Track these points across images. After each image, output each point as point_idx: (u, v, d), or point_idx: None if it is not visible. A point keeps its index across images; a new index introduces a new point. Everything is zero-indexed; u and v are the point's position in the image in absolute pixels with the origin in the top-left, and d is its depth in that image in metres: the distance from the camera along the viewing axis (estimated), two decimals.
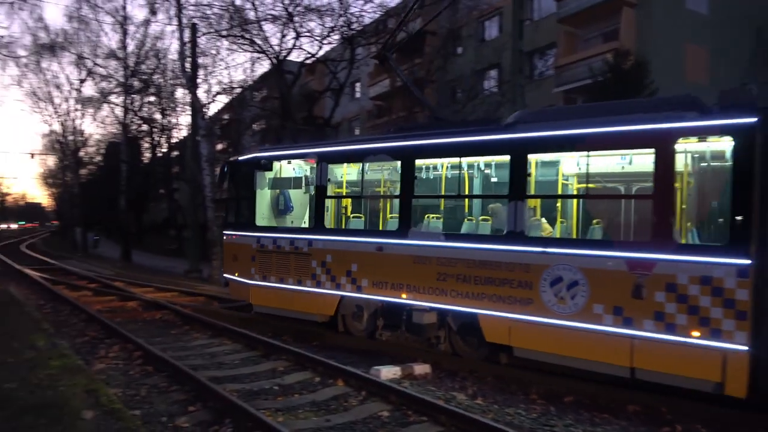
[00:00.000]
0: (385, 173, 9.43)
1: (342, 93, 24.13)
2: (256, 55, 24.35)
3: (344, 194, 10.01)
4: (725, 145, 5.90)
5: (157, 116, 40.41)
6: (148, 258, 34.05)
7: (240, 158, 10.97)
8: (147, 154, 48.95)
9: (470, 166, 8.35)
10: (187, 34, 20.44)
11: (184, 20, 20.66)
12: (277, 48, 22.15)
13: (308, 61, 23.81)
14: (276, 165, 10.31)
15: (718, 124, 5.78)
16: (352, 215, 9.86)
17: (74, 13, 33.18)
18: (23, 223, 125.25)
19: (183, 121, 39.77)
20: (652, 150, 6.10)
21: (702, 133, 5.97)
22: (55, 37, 34.95)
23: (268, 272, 9.90)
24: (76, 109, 38.09)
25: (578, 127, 6.66)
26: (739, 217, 5.53)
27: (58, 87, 38.22)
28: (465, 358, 7.61)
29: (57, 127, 39.60)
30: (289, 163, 10.41)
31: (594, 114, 7.00)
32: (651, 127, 6.11)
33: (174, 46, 31.11)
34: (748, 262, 5.39)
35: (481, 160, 8.21)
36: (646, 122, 6.18)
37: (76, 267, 22.09)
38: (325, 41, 22.15)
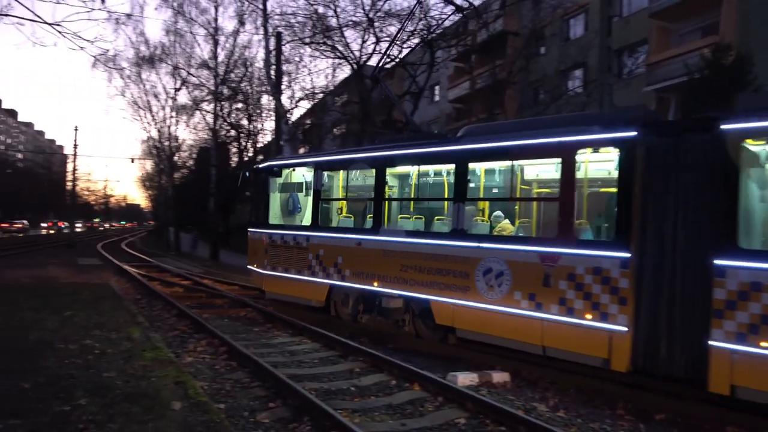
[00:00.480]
0: (366, 179, 10.64)
1: (421, 96, 24.09)
2: (337, 60, 24.90)
3: (333, 197, 11.34)
4: (613, 155, 6.86)
5: (244, 122, 42.26)
6: (234, 257, 35.65)
7: (257, 166, 12.73)
8: (234, 159, 51.30)
9: (428, 173, 9.81)
10: (272, 42, 21.25)
11: (270, 29, 21.51)
12: (357, 53, 22.53)
13: (387, 65, 23.96)
14: (285, 172, 11.91)
15: (606, 138, 6.82)
16: (340, 215, 11.09)
17: (171, 26, 35.39)
18: (124, 222, 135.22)
19: (268, 126, 41.29)
20: (559, 159, 7.18)
21: (595, 145, 7.00)
22: (154, 50, 37.52)
23: (277, 264, 11.41)
24: (172, 117, 40.69)
25: (507, 140, 7.85)
26: (622, 217, 6.53)
27: (155, 96, 40.99)
28: (543, 367, 7.37)
29: (154, 134, 42.48)
30: (295, 170, 11.91)
31: (524, 128, 8.03)
32: (557, 140, 7.16)
33: (260, 54, 32.49)
34: (629, 255, 6.32)
35: (436, 168, 9.52)
36: (554, 136, 7.21)
37: (169, 265, 23.48)
38: (404, 45, 22.23)
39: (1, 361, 6.57)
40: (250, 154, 45.58)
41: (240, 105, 38.93)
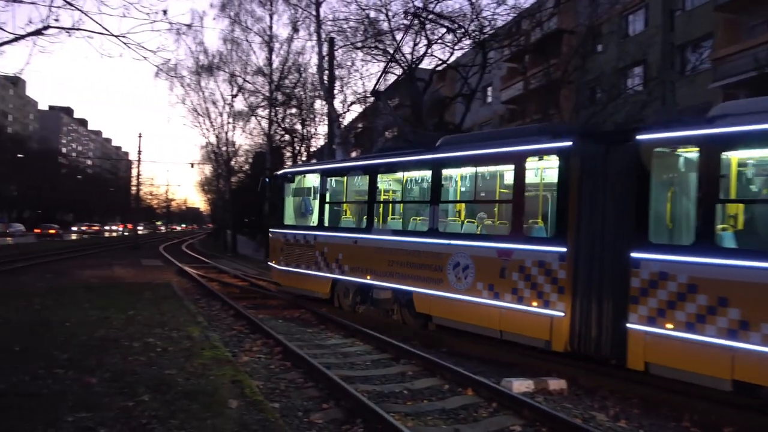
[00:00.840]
0: (362, 184, 11.46)
1: (473, 98, 23.85)
2: (389, 64, 24.98)
3: (336, 200, 12.45)
4: (554, 162, 7.77)
5: (298, 127, 43.03)
6: None
7: (275, 173, 14.53)
8: (289, 163, 52.25)
9: (411, 179, 10.87)
10: (325, 48, 21.55)
11: (323, 35, 21.83)
12: (409, 57, 22.54)
13: (439, 68, 23.87)
14: (298, 178, 13.34)
15: (548, 147, 7.76)
16: (343, 216, 12.26)
17: (228, 35, 36.54)
18: (184, 225, 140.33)
19: (321, 130, 41.91)
20: (512, 166, 8.24)
21: (540, 154, 7.96)
22: (212, 59, 38.84)
23: (290, 260, 12.91)
24: (229, 123, 41.93)
25: (472, 150, 9.01)
26: (560, 216, 7.49)
27: (214, 103, 42.39)
28: (603, 375, 7.12)
29: (213, 139, 43.89)
30: (306, 176, 13.31)
31: (488, 139, 9.18)
32: (510, 150, 8.24)
33: (313, 60, 33.02)
34: (566, 249, 7.29)
35: (417, 174, 10.56)
36: (508, 145, 8.29)
37: (226, 266, 24.17)
38: (456, 47, 22.08)
39: (71, 357, 6.92)
40: (304, 158, 46.42)
41: (294, 110, 39.68)
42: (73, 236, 65.05)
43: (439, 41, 22.03)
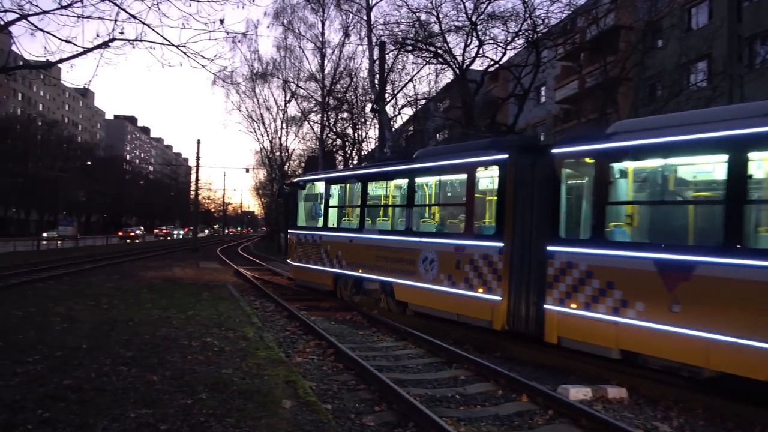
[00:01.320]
0: (357, 190, 13.11)
1: (526, 98, 23.41)
2: (440, 66, 24.90)
3: (337, 204, 14.18)
4: (495, 172, 9.30)
5: (349, 131, 43.44)
6: None
7: (289, 182, 16.82)
8: (340, 167, 52.77)
9: (394, 186, 12.59)
10: (376, 52, 21.68)
11: (374, 39, 21.97)
12: (460, 58, 22.37)
13: (491, 69, 23.58)
14: (308, 185, 15.40)
15: (490, 159, 9.25)
16: (344, 218, 13.90)
17: (281, 43, 37.36)
18: (240, 228, 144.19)
19: (372, 134, 42.19)
20: (465, 175, 9.79)
21: (485, 165, 9.42)
22: (266, 66, 39.80)
23: (302, 257, 15.00)
24: (282, 128, 42.81)
25: (436, 161, 10.73)
26: (499, 217, 9.04)
27: (268, 109, 43.47)
28: (665, 384, 6.81)
29: (267, 145, 44.92)
30: (314, 184, 15.22)
31: (452, 152, 10.75)
32: (464, 161, 9.85)
33: (364, 64, 33.25)
34: (503, 244, 8.80)
35: (399, 182, 12.13)
36: (464, 157, 9.91)
37: (280, 269, 24.65)
38: (509, 47, 21.75)
39: (134, 355, 7.20)
40: (355, 162, 46.85)
41: (345, 114, 40.13)
42: (151, 239, 72.75)
43: (491, 41, 21.76)
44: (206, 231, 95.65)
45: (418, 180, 11.23)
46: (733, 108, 7.72)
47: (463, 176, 9.98)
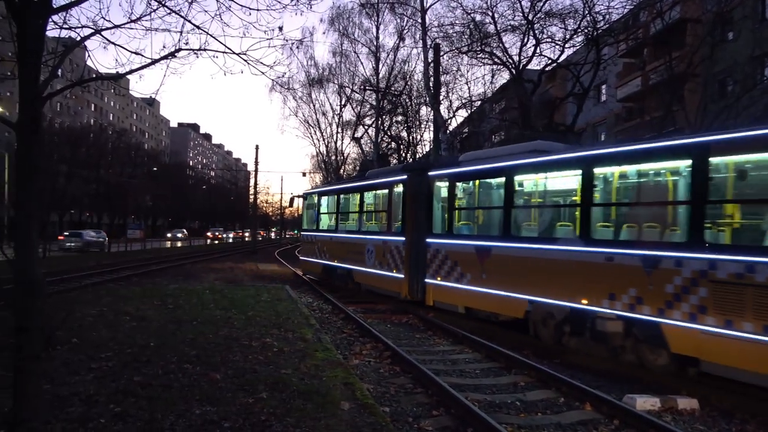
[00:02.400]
0: (333, 201, 17.55)
1: (586, 97, 22.72)
2: (495, 67, 24.55)
3: (326, 211, 18.37)
4: (401, 188, 13.13)
5: (404, 134, 43.44)
6: None
7: (298, 194, 22.48)
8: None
9: (353, 197, 16.30)
10: (430, 54, 21.62)
11: (428, 41, 21.91)
12: (516, 58, 21.99)
13: (549, 68, 23.03)
14: (310, 197, 20.02)
15: (398, 179, 13.26)
16: (327, 223, 18.09)
17: (337, 48, 37.86)
18: (295, 232, 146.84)
19: (426, 136, 42.12)
20: (387, 190, 13.85)
21: (396, 183, 13.34)
22: (322, 72, 40.44)
23: (305, 253, 20.27)
24: (338, 132, 43.36)
25: (374, 179, 14.96)
26: (403, 220, 12.88)
27: (324, 114, 44.07)
28: (739, 395, 6.42)
29: (323, 149, 45.58)
30: (314, 196, 19.54)
31: (383, 173, 14.93)
32: (386, 180, 13.93)
33: (418, 67, 33.23)
34: (404, 239, 12.65)
35: (355, 194, 16.06)
36: (387, 177, 13.99)
37: None
38: (567, 45, 21.19)
39: (198, 354, 7.45)
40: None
41: (400, 117, 40.19)
42: (230, 240, 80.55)
43: (549, 40, 21.28)
44: (265, 234, 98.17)
45: (366, 193, 15.45)
46: (515, 146, 10.92)
47: (386, 191, 13.99)
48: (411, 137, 42.86)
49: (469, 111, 33.24)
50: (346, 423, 5.00)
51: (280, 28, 6.44)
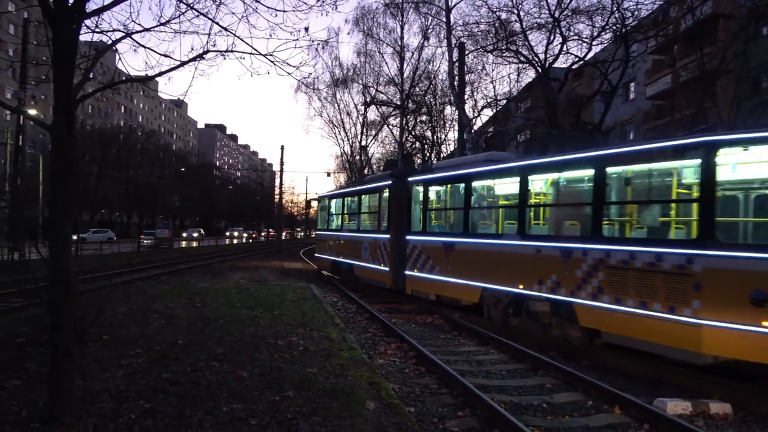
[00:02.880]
0: (338, 205, 19.97)
1: (614, 95, 22.34)
2: (521, 65, 24.32)
3: (330, 213, 20.78)
4: (387, 192, 14.99)
5: (428, 133, 43.28)
6: None
7: (313, 198, 29.51)
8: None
9: (352, 201, 18.57)
10: (455, 53, 21.51)
11: (453, 41, 21.81)
12: (542, 56, 21.74)
13: (576, 66, 22.72)
14: (322, 200, 22.52)
15: (384, 184, 15.18)
16: (333, 223, 20.51)
17: (361, 48, 37.93)
18: None
19: (451, 136, 41.86)
20: (377, 194, 15.72)
21: (384, 187, 15.14)
22: (346, 72, 40.57)
23: (320, 250, 22.35)
24: (362, 132, 43.45)
25: (367, 185, 17.37)
26: (389, 220, 14.66)
27: (348, 114, 44.21)
28: None
29: (347, 149, 45.75)
30: (323, 200, 22.41)
31: (375, 179, 17.69)
32: (376, 185, 16.04)
33: (443, 67, 33.07)
34: (389, 236, 14.45)
35: (353, 198, 18.38)
36: (377, 182, 16.21)
37: None
38: (594, 42, 20.87)
39: (225, 352, 7.54)
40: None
41: (424, 117, 40.06)
42: (262, 238, 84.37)
43: (575, 37, 20.98)
44: (291, 234, 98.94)
45: (363, 196, 17.33)
46: (473, 156, 14.29)
47: (377, 194, 15.91)
48: (435, 137, 42.70)
49: (494, 110, 32.98)
50: (371, 423, 5.00)
51: (306, 29, 6.49)
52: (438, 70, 35.88)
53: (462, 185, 11.88)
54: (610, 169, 8.42)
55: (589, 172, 8.76)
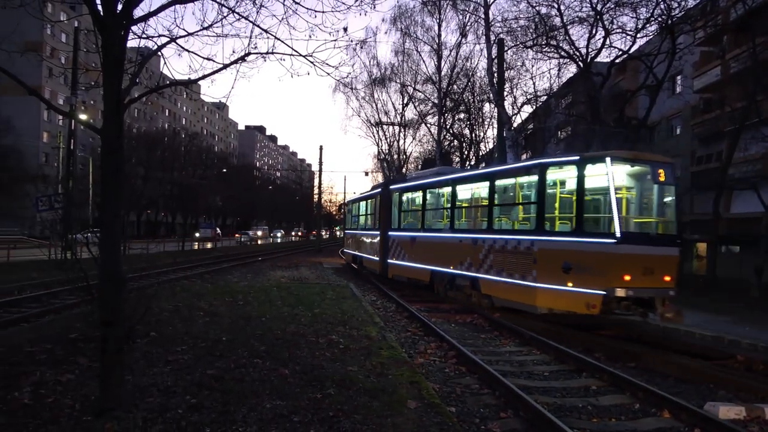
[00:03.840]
0: (355, 208, 24.51)
1: (660, 89, 21.65)
2: (562, 60, 23.84)
3: (350, 215, 25.86)
4: (379, 198, 19.35)
5: (466, 131, 42.89)
6: None
7: (342, 203, 37.48)
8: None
9: (360, 206, 23.58)
10: (494, 50, 21.24)
11: (492, 37, 21.54)
12: (584, 50, 21.25)
13: (619, 59, 22.11)
14: (349, 204, 27.63)
15: (377, 191, 19.89)
16: (355, 223, 24.27)
17: (399, 47, 37.92)
18: None
19: (489, 134, 41.38)
20: (374, 199, 20.53)
21: (377, 194, 19.67)
22: (384, 71, 40.62)
23: (346, 247, 27.28)
24: (400, 131, 43.43)
25: (369, 192, 22.74)
26: (379, 220, 19.16)
27: (386, 113, 44.23)
28: None
29: (385, 148, 45.82)
30: (347, 204, 28.27)
31: (374, 188, 21.93)
32: (372, 192, 21.40)
33: (481, 64, 32.71)
34: (379, 232, 18.90)
35: (363, 202, 23.03)
36: (374, 190, 21.09)
37: None
38: (639, 35, 20.25)
39: (267, 349, 7.66)
40: (473, 163, 46.24)
41: (462, 115, 39.72)
42: (311, 238, 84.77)
43: (619, 30, 20.42)
44: (329, 233, 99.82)
45: (368, 201, 21.60)
46: (428, 170, 17.77)
47: (373, 200, 20.22)
48: (474, 135, 42.29)
49: (534, 107, 32.45)
50: (413, 422, 4.99)
51: (345, 29, 6.52)
52: (476, 67, 35.55)
53: (419, 192, 16.09)
54: (497, 182, 12.13)
55: (486, 184, 12.60)
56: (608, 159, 9.49)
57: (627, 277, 9.00)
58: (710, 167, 29.46)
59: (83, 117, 25.30)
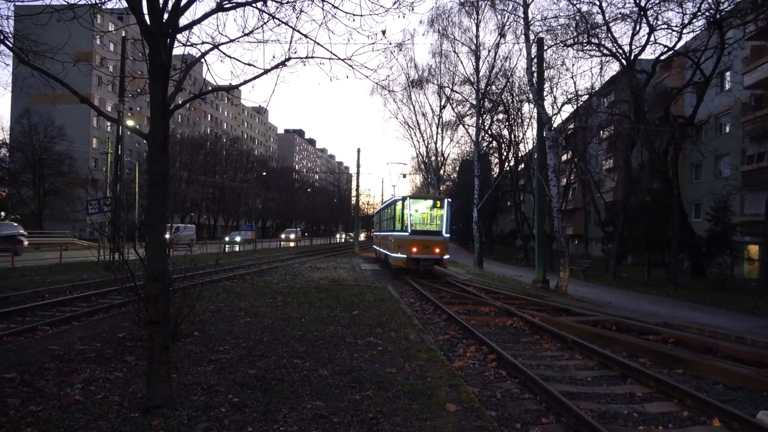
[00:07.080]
0: (379, 216, 33.88)
1: (708, 86, 20.92)
2: (604, 58, 23.34)
3: (378, 221, 34.73)
4: (399, 206, 22.89)
5: (505, 132, 42.41)
6: (497, 266, 35.96)
7: (374, 211, 57.12)
8: (495, 169, 51.75)
9: (383, 214, 30.35)
10: (533, 49, 20.94)
11: (531, 36, 21.25)
12: (627, 48, 20.75)
13: (664, 56, 21.48)
14: (379, 212, 34.56)
15: (393, 201, 25.28)
16: (380, 227, 31.93)
17: (437, 49, 37.81)
18: None
19: (528, 134, 40.80)
20: (393, 207, 24.90)
21: (394, 203, 24.48)
22: (422, 73, 40.59)
23: (375, 245, 36.71)
24: (437, 133, 43.27)
25: (389, 202, 29.18)
26: (398, 223, 23.68)
27: (423, 115, 44.24)
28: None
29: (422, 150, 45.74)
30: (378, 211, 35.53)
31: (392, 199, 27.63)
32: (394, 200, 25.21)
33: (520, 64, 32.29)
34: (382, 233, 30.99)
35: (383, 211, 30.60)
36: (394, 201, 25.72)
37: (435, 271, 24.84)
38: (685, 30, 19.63)
39: (307, 350, 7.74)
40: (512, 164, 45.68)
41: (501, 116, 39.28)
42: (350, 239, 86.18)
43: (664, 26, 19.84)
44: (366, 236, 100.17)
45: (387, 209, 26.63)
46: (393, 198, 25.91)
47: (390, 208, 24.93)
48: (513, 135, 41.79)
49: (575, 106, 31.85)
50: (452, 425, 4.95)
51: (383, 32, 6.54)
52: (515, 67, 35.21)
53: (388, 209, 25.77)
54: (407, 202, 21.19)
55: (399, 205, 21.80)
56: (408, 199, 21.37)
57: (415, 249, 20.38)
58: (762, 166, 28.26)
59: (130, 123, 26.21)
